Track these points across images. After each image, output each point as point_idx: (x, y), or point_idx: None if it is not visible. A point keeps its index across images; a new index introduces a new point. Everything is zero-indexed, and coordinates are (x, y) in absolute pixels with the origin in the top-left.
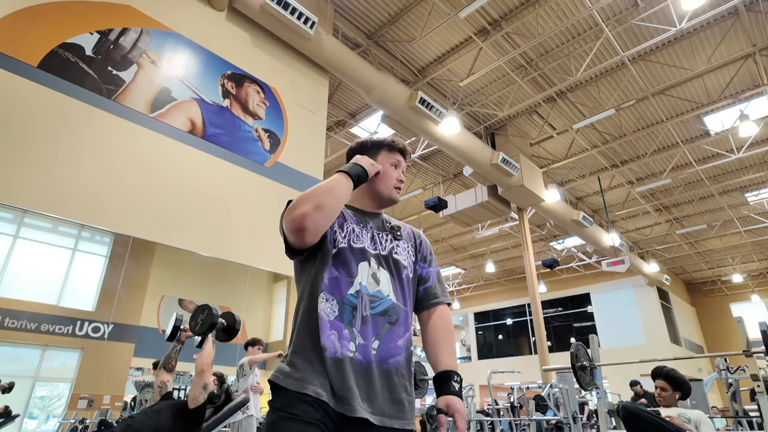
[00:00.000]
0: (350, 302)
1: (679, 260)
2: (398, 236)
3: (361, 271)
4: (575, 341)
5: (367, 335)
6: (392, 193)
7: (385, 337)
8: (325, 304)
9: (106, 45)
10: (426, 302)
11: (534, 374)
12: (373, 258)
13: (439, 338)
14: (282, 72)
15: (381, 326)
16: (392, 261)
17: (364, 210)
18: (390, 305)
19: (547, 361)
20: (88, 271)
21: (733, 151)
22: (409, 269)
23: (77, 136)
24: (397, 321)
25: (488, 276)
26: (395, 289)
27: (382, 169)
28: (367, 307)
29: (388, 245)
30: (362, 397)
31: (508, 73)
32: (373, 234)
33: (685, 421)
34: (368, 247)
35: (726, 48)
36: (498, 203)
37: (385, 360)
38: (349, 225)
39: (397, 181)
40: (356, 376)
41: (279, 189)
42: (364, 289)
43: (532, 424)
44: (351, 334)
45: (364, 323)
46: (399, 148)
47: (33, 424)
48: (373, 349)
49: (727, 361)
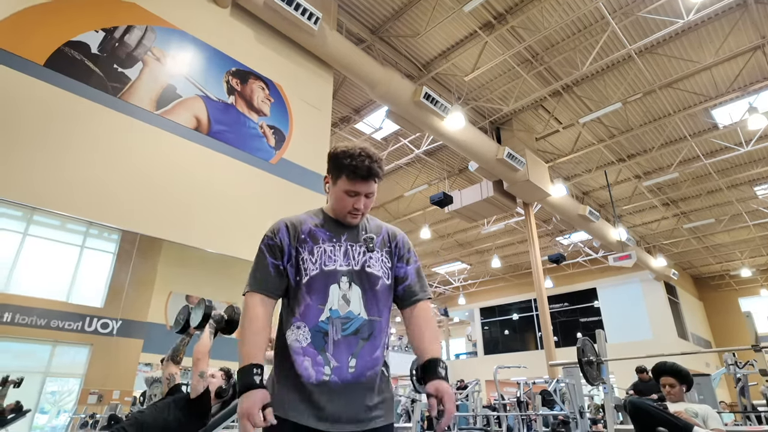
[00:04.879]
0: (321, 329)
1: (687, 255)
2: (371, 248)
3: (332, 295)
4: (582, 336)
5: (341, 357)
6: (347, 218)
7: (361, 353)
8: (297, 332)
9: (112, 43)
10: (406, 300)
11: (540, 369)
12: (345, 276)
13: (422, 330)
14: (286, 68)
15: (355, 345)
16: (365, 275)
17: (338, 220)
18: (361, 323)
19: (553, 356)
20: (96, 268)
21: (741, 144)
22: (385, 278)
23: (84, 134)
24: (371, 335)
25: (494, 271)
26: (368, 305)
27: (336, 195)
28: (339, 331)
29: (360, 258)
30: (346, 414)
31: (513, 67)
32: (347, 248)
33: (692, 415)
34: (341, 266)
35: (734, 40)
36: (503, 198)
37: (363, 375)
38: (320, 246)
39: (353, 209)
40: (334, 397)
41: (284, 185)
42: (334, 314)
43: (539, 419)
44: (325, 359)
45: (337, 346)
46: (361, 176)
47: (44, 419)
48: (350, 368)
49: (735, 356)
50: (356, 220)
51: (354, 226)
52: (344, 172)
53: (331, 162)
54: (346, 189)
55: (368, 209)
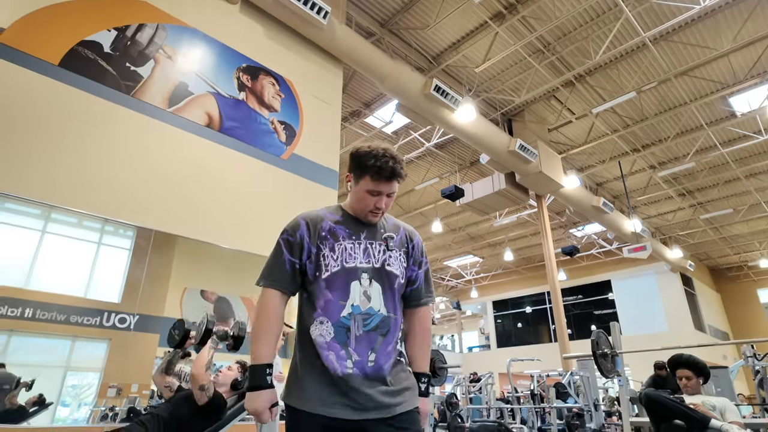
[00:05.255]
0: (344, 324)
1: (704, 246)
2: (391, 247)
3: (353, 292)
4: (596, 329)
5: (362, 351)
6: (367, 217)
7: (380, 348)
8: (321, 328)
9: (124, 41)
10: (411, 302)
11: (554, 362)
12: (366, 273)
13: (416, 342)
14: (296, 63)
15: (375, 340)
16: (385, 273)
17: (358, 218)
18: (381, 320)
19: (567, 349)
20: (112, 264)
21: (760, 132)
22: (401, 277)
23: (98, 133)
24: (388, 331)
25: (506, 264)
26: (386, 301)
27: (359, 193)
28: (360, 327)
29: (381, 257)
30: (372, 403)
31: (524, 58)
32: (366, 246)
33: (709, 408)
34: (361, 263)
35: (753, 25)
36: (516, 191)
37: (381, 368)
38: (341, 244)
39: (375, 208)
40: (359, 388)
41: (296, 181)
42: (356, 310)
43: (553, 412)
44: (347, 353)
45: (358, 341)
46: (385, 177)
47: (65, 412)
48: (369, 361)
49: (753, 347)
50: (377, 218)
51: (373, 224)
52: (368, 173)
53: (354, 162)
54: (368, 189)
55: (389, 208)
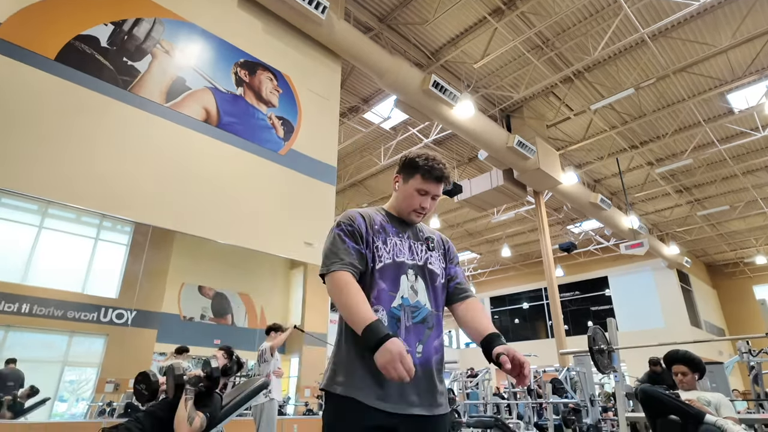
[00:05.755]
0: (394, 314)
1: (701, 242)
2: (431, 247)
3: (402, 284)
4: (592, 325)
5: (411, 342)
6: (410, 216)
7: (427, 341)
8: (375, 314)
9: (121, 36)
10: (458, 296)
11: (551, 358)
12: (411, 269)
13: (477, 314)
14: (294, 59)
15: (422, 333)
16: (428, 271)
17: (399, 218)
18: (427, 313)
19: (564, 345)
20: (110, 260)
21: (758, 129)
22: (441, 276)
23: (96, 128)
24: (433, 326)
25: (504, 260)
26: (430, 298)
27: (407, 191)
28: (409, 318)
29: (423, 255)
30: (414, 396)
31: (523, 54)
32: (410, 244)
33: (704, 403)
34: (407, 259)
35: (752, 21)
36: (514, 187)
37: (428, 361)
38: (391, 239)
39: (420, 207)
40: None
41: (294, 176)
42: (405, 302)
43: (550, 407)
44: None
45: (408, 332)
46: (435, 176)
47: (63, 407)
48: (417, 353)
49: (749, 343)
50: (419, 218)
51: (413, 225)
52: (419, 172)
53: (406, 162)
54: (418, 187)
55: (430, 212)
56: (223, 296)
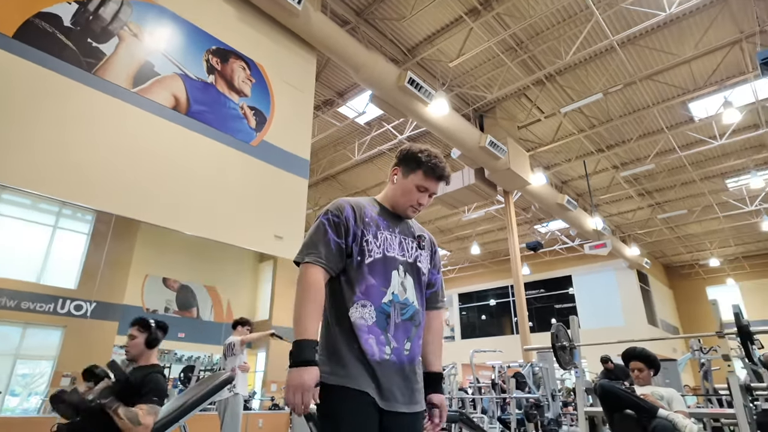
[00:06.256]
0: (384, 310)
1: (660, 244)
2: (422, 246)
3: (393, 280)
4: (556, 322)
5: (400, 339)
6: (407, 211)
7: (414, 339)
8: (363, 311)
9: (85, 15)
10: (429, 305)
11: (515, 354)
12: (401, 265)
13: (433, 343)
14: (269, 48)
15: (410, 330)
16: (416, 269)
17: (392, 212)
18: (415, 311)
19: (528, 341)
20: (69, 249)
21: (715, 137)
22: (426, 275)
23: (57, 111)
24: (420, 324)
25: (473, 258)
26: (417, 295)
27: (406, 187)
28: (399, 315)
29: (413, 253)
30: (400, 393)
31: (498, 55)
32: (401, 240)
33: (658, 398)
34: (398, 255)
35: (714, 34)
36: (485, 186)
37: (414, 359)
38: (382, 233)
39: (417, 203)
40: (394, 376)
41: (265, 168)
42: (395, 298)
43: (513, 402)
44: (386, 339)
45: (397, 329)
46: (437, 176)
47: (15, 401)
48: (405, 350)
49: (700, 341)
50: (415, 215)
51: (404, 221)
52: (422, 168)
53: (407, 156)
54: (418, 183)
55: (425, 208)
56: (189, 289)
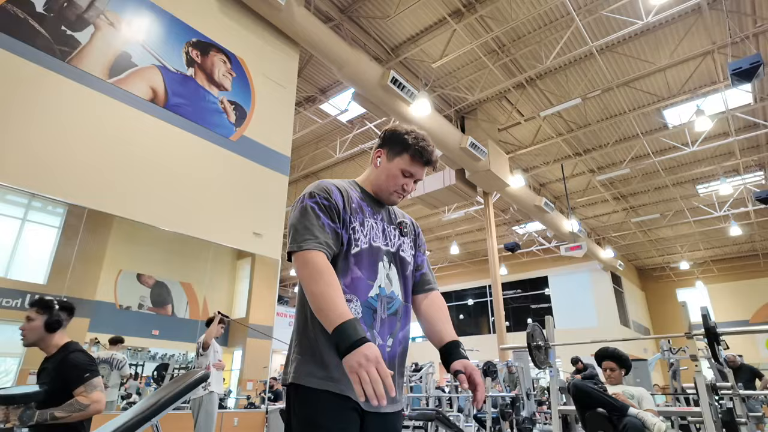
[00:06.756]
0: (371, 305)
1: (633, 247)
2: (404, 233)
3: (380, 272)
4: (532, 322)
5: (384, 335)
6: (391, 197)
7: (397, 334)
8: (348, 306)
9: (59, 2)
10: (421, 287)
11: (492, 352)
12: (386, 255)
13: (440, 316)
14: (251, 43)
15: (394, 325)
16: (399, 259)
17: (375, 198)
18: (399, 305)
19: (504, 340)
20: (38, 243)
21: (688, 144)
22: (411, 264)
23: (28, 100)
24: (403, 318)
25: (452, 258)
26: (402, 287)
27: (391, 171)
28: (385, 309)
29: (396, 241)
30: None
31: (480, 57)
32: (384, 227)
33: (629, 397)
34: (382, 244)
35: (688, 44)
36: (465, 187)
37: (395, 355)
38: (368, 221)
39: (402, 189)
40: None
41: (244, 164)
42: (382, 291)
43: (488, 400)
44: (372, 336)
45: (382, 325)
46: (424, 160)
47: None
48: (388, 347)
49: (670, 342)
50: (399, 200)
51: (386, 207)
52: (409, 152)
53: (393, 138)
54: (404, 168)
55: (409, 194)
56: (164, 285)
